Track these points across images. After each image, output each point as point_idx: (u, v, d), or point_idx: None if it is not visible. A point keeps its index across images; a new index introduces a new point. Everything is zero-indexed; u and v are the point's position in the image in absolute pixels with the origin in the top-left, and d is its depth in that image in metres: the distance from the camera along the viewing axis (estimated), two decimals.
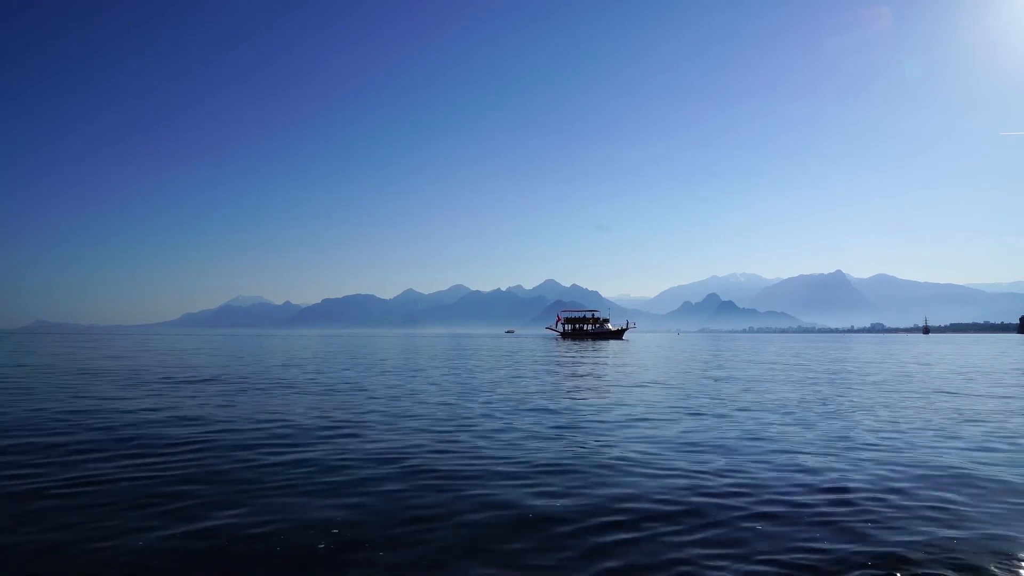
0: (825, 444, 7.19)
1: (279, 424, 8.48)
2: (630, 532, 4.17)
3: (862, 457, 6.49)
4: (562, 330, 79.93)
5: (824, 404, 11.05)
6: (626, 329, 77.56)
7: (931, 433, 8.02)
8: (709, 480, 5.48)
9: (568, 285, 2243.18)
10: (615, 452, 6.66)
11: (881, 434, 7.89)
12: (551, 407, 10.46)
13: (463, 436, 7.63)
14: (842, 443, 7.25)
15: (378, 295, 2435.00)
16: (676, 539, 4.05)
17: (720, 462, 6.20)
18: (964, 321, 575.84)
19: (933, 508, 4.73)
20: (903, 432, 8.06)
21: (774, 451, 6.77)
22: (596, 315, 77.85)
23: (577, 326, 78.63)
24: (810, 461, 6.27)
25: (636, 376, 17.50)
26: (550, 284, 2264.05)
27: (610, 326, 76.98)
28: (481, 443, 7.16)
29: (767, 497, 4.96)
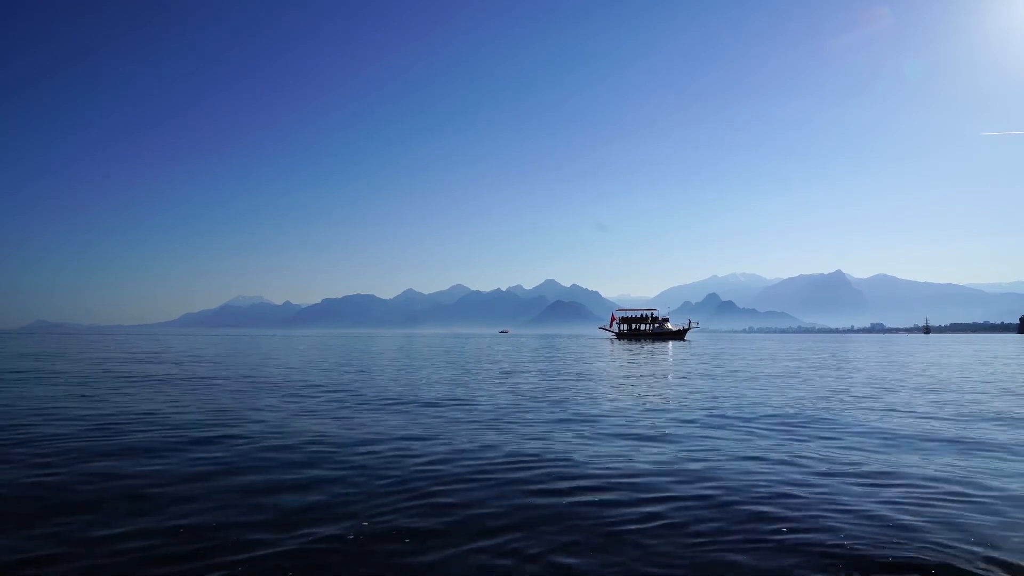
0: None
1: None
2: None
3: None
4: (618, 330, 76.64)
5: None
6: (688, 329, 74.23)
7: None
8: None
9: (568, 285, 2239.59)
10: None
11: None
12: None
13: None
14: None
15: (378, 295, 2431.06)
16: None
17: None
18: (964, 321, 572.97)
19: None
20: None
21: None
22: (654, 314, 74.51)
23: (634, 326, 75.34)
24: None
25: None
26: (550, 284, 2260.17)
27: (670, 326, 73.69)
28: None
29: None
